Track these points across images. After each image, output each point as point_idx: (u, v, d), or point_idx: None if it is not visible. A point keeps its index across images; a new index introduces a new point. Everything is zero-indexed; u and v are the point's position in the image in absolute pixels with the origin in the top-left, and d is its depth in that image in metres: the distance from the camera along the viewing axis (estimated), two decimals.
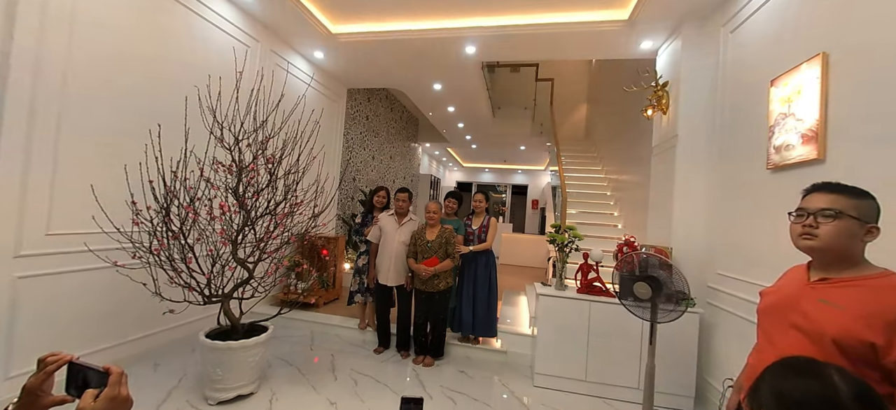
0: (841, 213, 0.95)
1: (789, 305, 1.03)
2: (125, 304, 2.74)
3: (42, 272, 2.31)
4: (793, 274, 1.12)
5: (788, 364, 0.71)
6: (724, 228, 2.72)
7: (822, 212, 0.98)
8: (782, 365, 0.71)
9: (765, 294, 1.16)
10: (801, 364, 0.70)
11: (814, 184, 1.05)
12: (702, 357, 2.70)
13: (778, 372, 0.70)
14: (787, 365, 0.71)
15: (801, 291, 1.02)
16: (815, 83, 1.93)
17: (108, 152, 2.56)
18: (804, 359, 0.72)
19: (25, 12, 2.13)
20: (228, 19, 3.43)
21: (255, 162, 2.50)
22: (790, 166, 2.08)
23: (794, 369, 0.69)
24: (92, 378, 0.69)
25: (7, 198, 2.12)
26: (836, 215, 0.95)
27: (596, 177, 6.73)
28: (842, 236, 0.95)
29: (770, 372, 0.71)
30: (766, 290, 1.17)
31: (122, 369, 0.70)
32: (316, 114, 3.61)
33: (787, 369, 0.70)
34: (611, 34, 3.56)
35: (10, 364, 2.20)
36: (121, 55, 2.62)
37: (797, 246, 1.04)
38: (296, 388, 2.65)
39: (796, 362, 0.71)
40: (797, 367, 0.70)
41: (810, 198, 1.03)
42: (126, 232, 2.31)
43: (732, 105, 2.74)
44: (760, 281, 2.28)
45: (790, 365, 0.71)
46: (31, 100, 2.18)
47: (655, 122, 3.55)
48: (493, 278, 3.38)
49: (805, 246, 1.01)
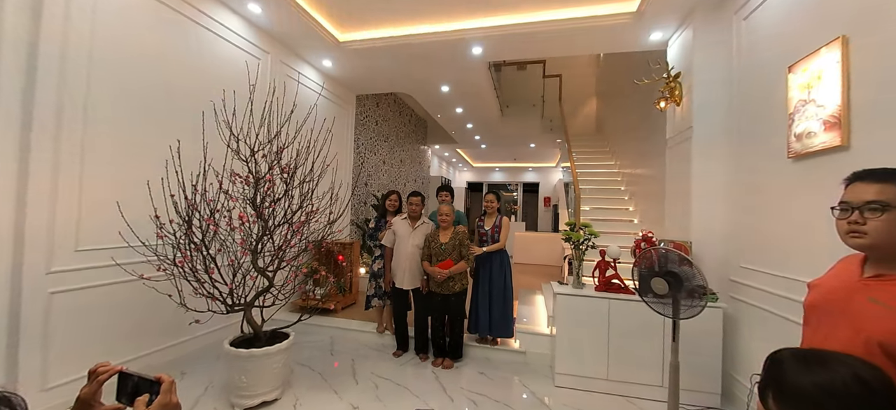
0: (889, 205, 0.86)
1: (839, 301, 0.95)
2: (152, 315, 2.82)
3: (73, 287, 2.40)
4: (845, 266, 1.02)
5: (802, 357, 0.69)
6: (746, 220, 2.66)
7: (869, 206, 0.88)
8: (796, 359, 0.69)
9: (813, 286, 1.06)
10: (815, 355, 0.69)
11: (855, 173, 0.95)
12: (727, 353, 2.64)
13: (795, 368, 0.68)
14: (801, 358, 0.69)
15: (853, 287, 0.94)
16: (836, 67, 1.87)
17: (130, 169, 2.65)
18: (815, 351, 0.70)
19: (46, 47, 2.22)
20: (239, 33, 3.51)
21: (270, 172, 2.55)
22: (812, 154, 2.03)
23: (811, 361, 0.67)
24: (143, 386, 0.72)
25: (39, 217, 2.22)
26: (883, 208, 0.86)
27: (609, 172, 6.65)
28: (894, 231, 0.86)
29: (787, 369, 0.68)
30: (815, 282, 1.07)
31: (172, 378, 0.73)
32: (328, 122, 3.66)
33: (803, 362, 0.68)
34: (619, 27, 3.52)
35: (47, 375, 2.29)
36: (139, 76, 2.71)
37: (846, 244, 0.95)
38: (319, 394, 2.69)
39: (807, 354, 0.69)
40: (813, 359, 0.68)
41: (853, 188, 0.93)
42: (151, 245, 2.39)
43: (749, 93, 2.68)
44: (785, 274, 2.23)
45: (804, 358, 0.69)
46: (57, 126, 2.27)
47: (669, 115, 3.50)
48: (508, 278, 3.37)
49: (855, 244, 0.93)
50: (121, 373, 0.73)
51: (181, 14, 2.97)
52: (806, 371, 0.66)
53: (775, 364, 0.71)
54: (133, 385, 0.73)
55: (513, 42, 3.95)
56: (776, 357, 0.71)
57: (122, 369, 0.73)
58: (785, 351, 0.71)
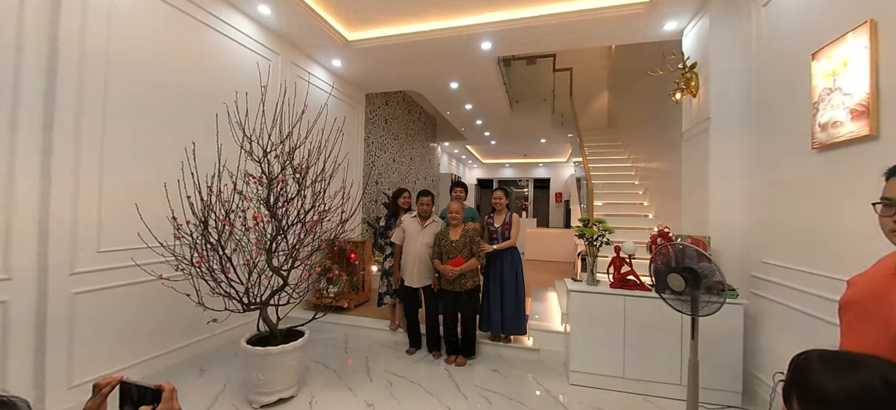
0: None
1: (875, 298, 0.91)
2: (171, 314, 2.89)
3: (95, 287, 2.46)
4: (885, 263, 0.97)
5: (829, 360, 0.66)
6: (767, 214, 2.58)
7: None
8: (823, 362, 0.66)
9: (851, 283, 1.02)
10: (843, 358, 0.66)
11: (894, 166, 0.91)
12: (748, 351, 2.57)
13: (821, 371, 0.65)
14: (828, 361, 0.66)
15: (889, 283, 0.89)
16: (863, 53, 1.79)
17: (148, 171, 2.70)
18: (842, 354, 0.67)
19: (65, 51, 2.28)
20: (250, 36, 3.55)
21: (283, 172, 2.57)
22: (839, 145, 1.95)
23: (838, 364, 0.65)
24: (145, 395, 0.73)
25: (62, 218, 2.28)
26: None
27: (622, 166, 6.54)
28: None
29: (814, 371, 0.66)
30: (853, 279, 1.02)
31: (173, 385, 0.74)
32: (339, 121, 3.67)
33: (830, 365, 0.65)
34: (632, 18, 3.45)
35: (72, 374, 2.36)
36: (154, 79, 2.76)
37: (891, 241, 0.91)
38: (334, 391, 2.71)
39: (834, 356, 0.66)
40: (840, 362, 0.65)
41: (890, 185, 0.89)
42: (169, 246, 2.43)
43: (769, 83, 2.59)
44: (810, 269, 2.16)
45: (831, 361, 0.66)
46: (76, 128, 2.33)
47: (685, 106, 3.41)
48: (519, 275, 3.34)
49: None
50: (122, 383, 0.74)
51: (193, 17, 3.02)
52: (832, 375, 0.63)
53: (801, 365, 0.68)
54: (136, 393, 0.73)
55: (522, 36, 3.90)
56: (802, 359, 0.69)
57: (123, 378, 0.74)
58: (812, 353, 0.69)
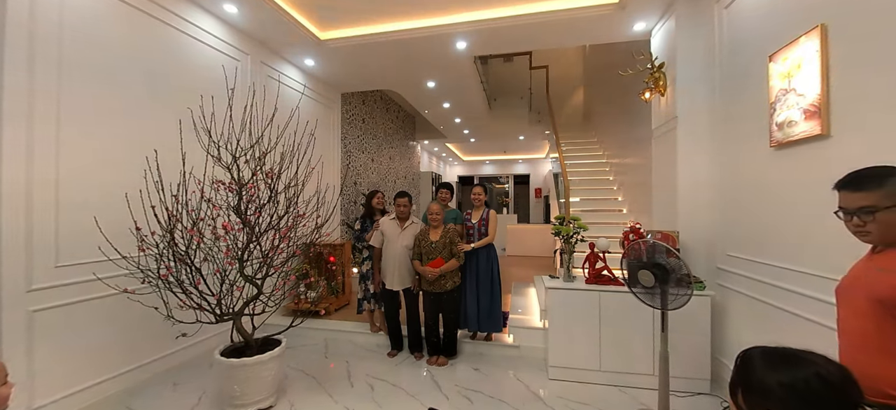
0: (876, 208, 1.00)
1: (858, 278, 1.11)
2: (139, 328, 2.77)
3: (55, 304, 2.33)
4: (866, 254, 1.16)
5: (770, 356, 0.70)
6: (731, 209, 2.70)
7: (861, 212, 1.03)
8: (764, 358, 0.70)
9: (844, 277, 1.20)
10: (783, 354, 0.69)
11: (840, 181, 1.09)
12: (715, 340, 2.69)
13: (762, 366, 0.68)
14: (768, 357, 0.69)
15: (867, 265, 1.10)
16: (815, 56, 1.89)
17: (108, 181, 2.57)
18: (783, 350, 0.70)
19: (12, 46, 2.13)
20: (216, 35, 3.41)
21: (254, 178, 2.50)
22: (794, 143, 2.05)
23: (778, 359, 0.68)
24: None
25: (13, 235, 2.14)
26: (873, 211, 1.01)
27: (597, 162, 6.69)
28: (891, 225, 1.00)
29: (755, 367, 0.69)
30: (847, 272, 1.20)
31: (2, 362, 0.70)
32: (311, 123, 3.59)
33: (770, 360, 0.69)
34: (602, 18, 3.52)
35: (33, 395, 2.23)
36: (111, 83, 2.62)
37: (859, 240, 1.09)
38: (314, 397, 2.68)
39: (775, 352, 0.70)
40: (780, 357, 0.69)
41: (844, 196, 1.08)
42: (132, 259, 2.33)
43: (731, 83, 2.70)
44: (771, 261, 2.27)
45: (772, 356, 0.69)
46: (28, 140, 2.19)
47: (654, 105, 3.52)
48: (495, 271, 3.36)
49: (864, 241, 1.08)
50: None
51: (153, 16, 2.87)
52: (772, 370, 0.67)
53: (745, 362, 0.72)
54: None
55: (496, 35, 3.92)
56: (746, 356, 0.73)
57: None
58: (755, 350, 0.73)
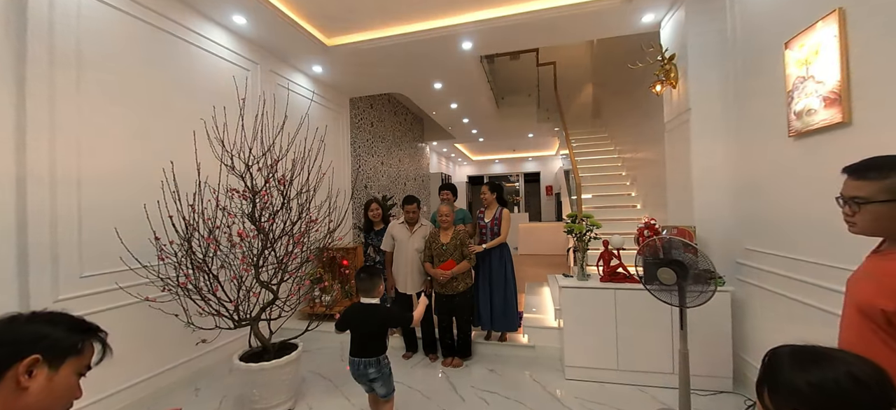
0: (868, 200, 0.94)
1: (854, 282, 1.05)
2: (161, 334, 2.83)
3: (81, 313, 2.38)
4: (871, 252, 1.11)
5: (799, 355, 0.68)
6: (749, 202, 2.63)
7: (853, 201, 0.97)
8: (793, 356, 0.68)
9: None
10: (813, 352, 0.67)
11: (846, 166, 1.02)
12: (737, 337, 2.63)
13: (790, 365, 0.66)
14: (797, 356, 0.67)
15: (863, 265, 1.05)
16: (833, 42, 1.83)
17: (127, 193, 2.64)
18: (814, 348, 0.68)
19: (35, 69, 2.21)
20: (225, 46, 3.48)
21: (266, 185, 2.54)
22: (813, 132, 1.99)
23: (807, 359, 0.66)
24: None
25: (41, 244, 2.22)
26: (864, 203, 0.95)
27: (609, 158, 6.60)
28: (879, 220, 0.94)
29: (783, 366, 0.67)
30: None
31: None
32: (321, 129, 3.64)
33: (799, 359, 0.67)
34: (609, 12, 3.47)
35: None
36: (128, 98, 2.68)
37: (850, 231, 1.04)
38: (331, 400, 2.70)
39: (803, 351, 0.68)
40: (809, 356, 0.66)
41: (844, 182, 1.01)
42: (153, 267, 2.39)
43: (745, 72, 2.63)
44: (792, 254, 2.21)
45: (801, 355, 0.67)
46: (51, 166, 2.27)
47: (665, 98, 3.45)
48: (509, 271, 3.34)
49: (852, 232, 1.02)
50: None
51: (166, 31, 2.94)
52: (801, 369, 0.65)
53: (772, 360, 0.70)
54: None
55: (502, 34, 3.91)
56: (774, 354, 0.71)
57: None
58: (783, 348, 0.70)
